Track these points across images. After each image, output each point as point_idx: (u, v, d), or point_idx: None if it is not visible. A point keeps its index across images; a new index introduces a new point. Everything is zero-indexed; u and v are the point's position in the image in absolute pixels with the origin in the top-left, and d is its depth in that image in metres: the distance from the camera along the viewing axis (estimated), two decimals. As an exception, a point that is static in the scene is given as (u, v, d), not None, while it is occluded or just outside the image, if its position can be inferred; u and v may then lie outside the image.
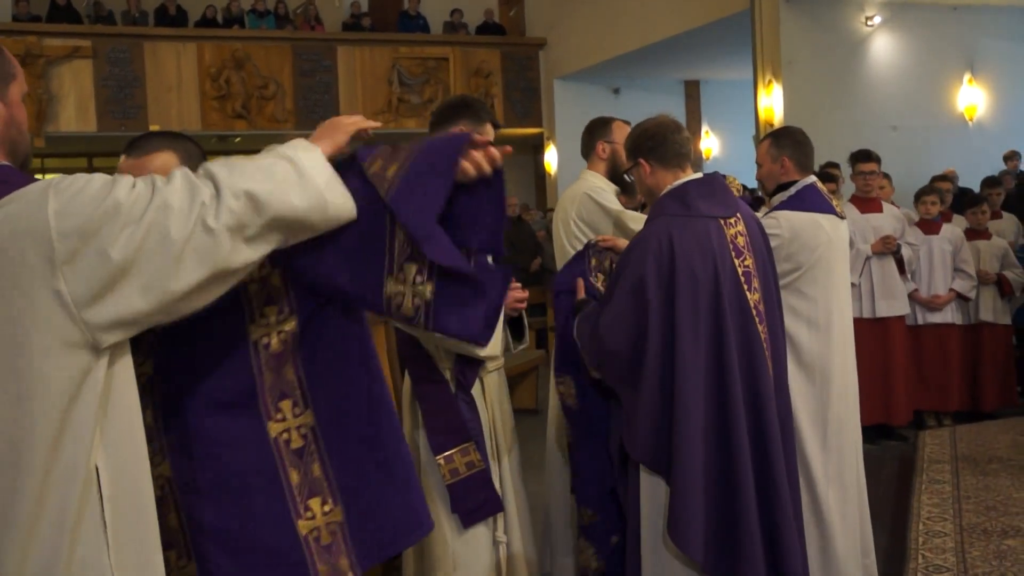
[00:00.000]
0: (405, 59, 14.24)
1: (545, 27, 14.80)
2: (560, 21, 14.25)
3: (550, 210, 12.17)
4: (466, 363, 2.96)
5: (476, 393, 3.00)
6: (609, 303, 2.89)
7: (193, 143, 2.08)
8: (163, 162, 1.94)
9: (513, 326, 3.13)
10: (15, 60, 1.69)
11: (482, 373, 3.03)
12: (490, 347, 2.95)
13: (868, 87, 10.38)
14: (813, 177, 3.73)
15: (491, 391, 3.07)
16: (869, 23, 10.41)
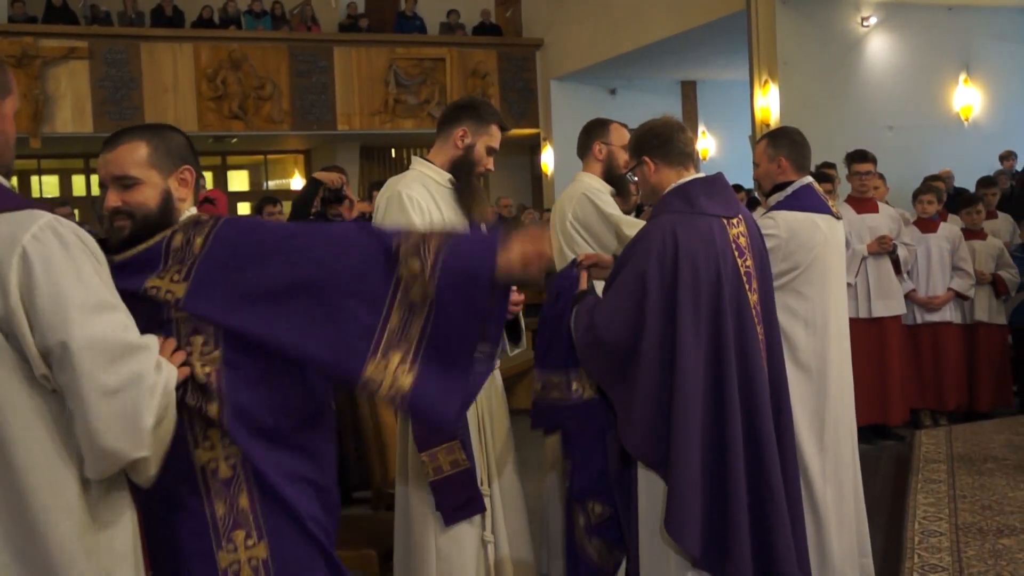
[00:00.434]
0: (402, 60, 14.25)
1: (542, 28, 14.81)
2: (557, 22, 14.26)
3: (547, 211, 12.16)
4: None
5: (467, 393, 3.00)
6: (609, 295, 2.89)
7: (180, 134, 2.13)
8: (131, 150, 2.02)
9: (509, 329, 3.12)
10: (13, 77, 1.78)
11: (475, 374, 3.02)
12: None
13: (864, 87, 10.39)
14: (809, 177, 3.74)
15: (482, 391, 3.06)
16: (865, 23, 10.43)
